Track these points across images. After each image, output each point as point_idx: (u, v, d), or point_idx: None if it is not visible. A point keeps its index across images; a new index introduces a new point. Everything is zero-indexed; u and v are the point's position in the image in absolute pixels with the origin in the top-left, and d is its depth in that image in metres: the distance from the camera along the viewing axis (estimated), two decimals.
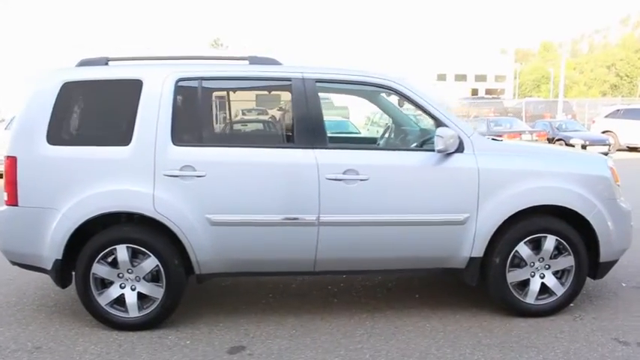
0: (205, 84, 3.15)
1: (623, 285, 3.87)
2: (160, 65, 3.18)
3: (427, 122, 3.49)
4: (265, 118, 3.29)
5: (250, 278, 4.04)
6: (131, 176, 3.01)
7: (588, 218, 3.19)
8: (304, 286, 3.93)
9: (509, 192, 3.12)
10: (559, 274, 3.28)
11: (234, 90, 3.31)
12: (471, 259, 3.16)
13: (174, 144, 3.04)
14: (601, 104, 20.38)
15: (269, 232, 3.04)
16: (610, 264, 3.37)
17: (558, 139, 14.70)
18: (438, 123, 3.17)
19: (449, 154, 3.11)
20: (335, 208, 3.04)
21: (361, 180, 3.04)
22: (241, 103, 3.38)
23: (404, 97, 3.22)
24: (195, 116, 3.16)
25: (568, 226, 3.21)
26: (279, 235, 3.05)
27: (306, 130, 3.08)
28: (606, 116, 16.33)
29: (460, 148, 3.12)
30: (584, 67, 63.85)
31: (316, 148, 3.07)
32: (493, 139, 3.48)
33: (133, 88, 3.08)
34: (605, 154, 14.51)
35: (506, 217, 3.12)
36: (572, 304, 3.41)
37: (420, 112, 3.24)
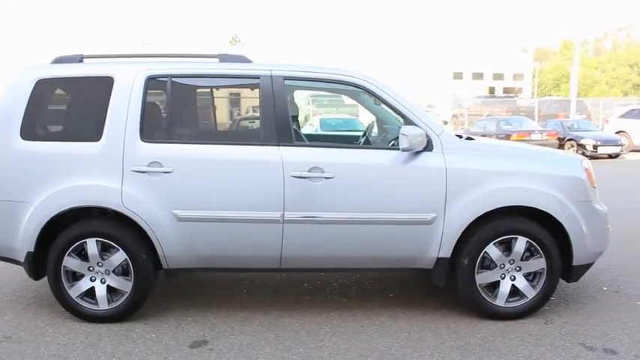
0: (175, 81, 3.18)
1: (604, 289, 3.78)
2: (131, 63, 3.23)
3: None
4: (233, 115, 3.30)
5: (229, 274, 4.08)
6: (101, 172, 3.06)
7: (560, 220, 3.12)
8: (280, 283, 3.94)
9: (478, 192, 3.07)
10: (530, 277, 3.22)
11: (204, 87, 3.34)
12: (439, 259, 3.13)
13: (143, 140, 3.08)
14: (616, 104, 19.88)
15: (235, 229, 3.06)
16: (584, 267, 3.29)
17: (569, 139, 14.39)
18: (407, 121, 3.14)
19: (417, 153, 3.08)
20: (300, 205, 3.04)
21: (326, 178, 3.04)
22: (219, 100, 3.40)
23: (372, 94, 3.20)
24: (164, 113, 3.19)
25: (540, 228, 3.15)
26: (245, 231, 3.07)
27: (273, 127, 3.09)
28: (620, 116, 15.89)
29: (429, 147, 3.09)
30: (606, 65, 62.28)
31: (282, 145, 3.07)
32: (468, 138, 3.43)
33: (105, 85, 3.13)
34: (617, 155, 14.20)
35: (474, 218, 3.07)
36: (546, 307, 3.36)
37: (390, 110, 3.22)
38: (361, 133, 4.17)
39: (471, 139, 3.44)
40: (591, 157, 14.11)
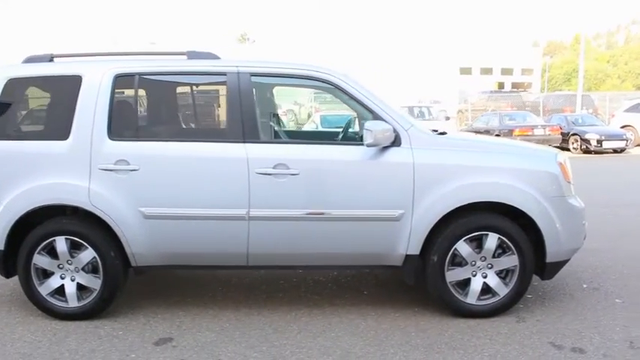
0: (142, 79, 3.17)
1: (584, 286, 3.71)
2: (99, 61, 3.23)
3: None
4: (202, 112, 3.28)
5: (206, 271, 4.08)
6: (69, 170, 3.07)
7: (532, 216, 3.06)
8: (256, 280, 3.93)
9: (446, 188, 3.02)
10: (503, 274, 3.17)
11: (171, 85, 3.33)
12: (407, 256, 3.09)
13: (110, 138, 3.08)
14: (624, 98, 19.49)
15: (201, 226, 3.05)
16: (559, 264, 3.23)
17: (573, 134, 14.16)
18: (375, 116, 3.10)
19: (385, 148, 3.04)
20: (265, 202, 3.02)
21: (291, 174, 3.01)
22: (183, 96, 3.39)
23: (339, 89, 3.15)
24: (132, 111, 3.19)
25: (512, 224, 3.09)
26: (211, 228, 3.06)
27: (239, 124, 3.07)
28: (626, 110, 15.60)
29: (396, 142, 3.05)
30: (618, 59, 61.18)
31: (248, 142, 3.05)
32: (441, 133, 3.37)
33: (73, 83, 3.14)
34: (623, 149, 13.95)
35: (443, 214, 3.03)
36: (521, 305, 3.31)
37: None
38: (323, 129, 4.13)
39: (444, 133, 3.39)
40: (596, 152, 13.90)
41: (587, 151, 14.01)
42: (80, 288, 3.17)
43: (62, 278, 3.17)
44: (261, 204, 3.02)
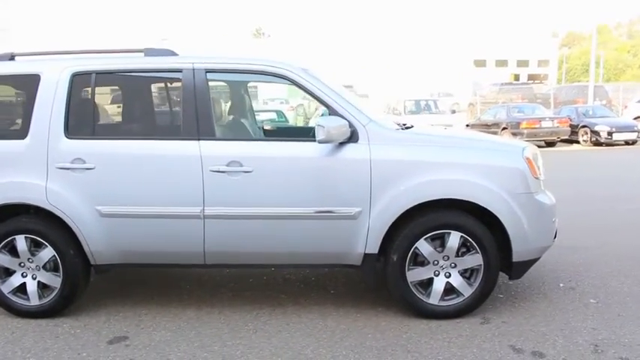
0: (99, 77, 3.14)
1: (561, 285, 3.57)
2: (57, 60, 3.21)
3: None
4: (156, 109, 3.24)
5: (176, 269, 4.05)
6: (27, 169, 3.07)
7: (496, 213, 2.94)
8: (225, 278, 3.89)
9: (405, 185, 2.93)
10: (468, 274, 3.06)
11: (127, 82, 3.29)
12: (366, 255, 3.01)
13: (67, 137, 3.06)
14: (639, 88, 18.87)
15: (157, 224, 3.02)
16: (527, 263, 3.11)
17: (583, 126, 13.77)
18: (331, 111, 3.01)
19: (342, 145, 2.96)
20: (219, 200, 2.97)
21: (245, 172, 2.95)
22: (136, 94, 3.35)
23: (296, 84, 3.07)
24: (88, 109, 3.15)
25: (475, 222, 2.98)
26: (167, 227, 3.02)
27: (193, 121, 3.02)
28: (639, 101, 15.09)
29: (354, 138, 2.96)
30: (638, 49, 59.29)
31: (202, 139, 3.00)
32: (407, 127, 3.26)
33: (32, 82, 3.13)
34: (635, 141, 13.51)
35: (401, 212, 2.93)
36: (490, 305, 3.20)
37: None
38: (285, 125, 4.05)
39: (410, 127, 3.28)
40: (607, 144, 13.50)
41: (597, 144, 13.61)
42: (42, 286, 3.18)
43: (24, 276, 3.18)
44: (216, 202, 2.97)
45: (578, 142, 14.23)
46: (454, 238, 2.98)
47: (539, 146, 14.26)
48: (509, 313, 3.13)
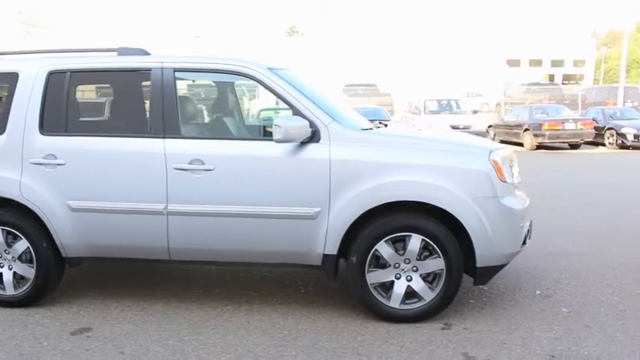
0: (73, 76, 3.23)
1: (537, 293, 3.45)
2: (35, 58, 3.33)
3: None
4: (129, 107, 3.30)
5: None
6: (4, 163, 3.20)
7: (458, 217, 2.87)
8: (200, 274, 3.93)
9: (365, 186, 2.89)
10: (430, 278, 3.00)
11: (100, 81, 3.39)
12: (325, 256, 2.99)
13: (41, 133, 3.17)
14: None
15: (123, 220, 3.09)
16: (492, 269, 3.02)
17: (609, 128, 13.21)
18: (294, 111, 3.01)
19: (303, 144, 2.95)
20: (182, 198, 3.01)
21: (206, 170, 2.98)
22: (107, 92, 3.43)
23: (262, 84, 3.08)
24: (62, 106, 3.25)
25: (437, 225, 2.92)
26: (133, 222, 3.09)
27: (160, 119, 3.07)
28: None
29: (315, 138, 2.95)
30: None
31: (167, 137, 3.05)
32: (378, 126, 3.22)
33: (11, 80, 3.26)
34: None
35: (360, 213, 2.90)
36: (456, 310, 3.14)
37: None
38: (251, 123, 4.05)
39: (380, 127, 3.23)
40: (633, 148, 12.91)
41: (623, 147, 13.04)
42: (18, 277, 3.31)
43: (1, 267, 3.32)
44: (179, 199, 3.02)
45: (603, 144, 13.67)
46: (415, 241, 2.93)
47: (561, 148, 13.94)
48: (473, 320, 3.05)
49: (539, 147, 13.59)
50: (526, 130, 13.82)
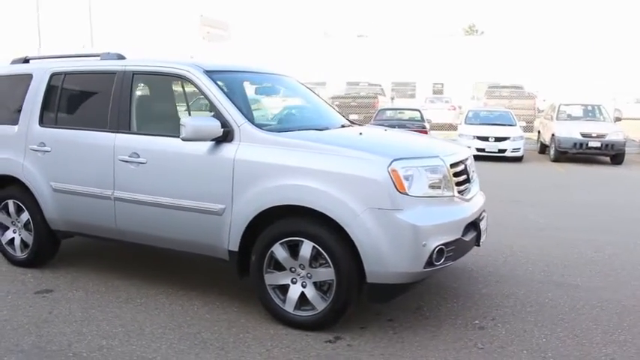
0: (67, 77, 3.87)
1: (475, 323, 3.03)
2: (45, 62, 4.06)
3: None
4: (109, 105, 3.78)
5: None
6: (15, 148, 3.98)
7: (344, 225, 2.73)
8: (194, 260, 3.97)
9: (260, 187, 2.93)
10: (325, 287, 2.89)
11: (83, 81, 3.94)
12: (230, 252, 3.09)
13: (40, 125, 3.87)
14: None
15: (86, 201, 3.61)
16: (388, 287, 2.77)
17: None
18: (214, 111, 3.18)
19: (219, 144, 3.10)
20: (124, 186, 3.42)
21: (140, 163, 3.33)
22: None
23: (195, 85, 3.32)
24: (54, 103, 3.90)
25: (329, 234, 2.80)
26: (92, 204, 3.58)
27: (116, 115, 3.52)
28: None
29: (228, 138, 3.08)
30: None
31: (119, 132, 3.48)
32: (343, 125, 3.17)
33: (27, 80, 4.02)
34: None
35: (256, 214, 2.95)
36: (361, 326, 2.97)
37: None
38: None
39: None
40: None
41: None
42: (24, 243, 4.07)
43: (14, 232, 4.12)
44: (122, 187, 3.43)
45: None
46: (306, 247, 2.86)
47: None
48: (369, 337, 2.85)
49: None
50: None
